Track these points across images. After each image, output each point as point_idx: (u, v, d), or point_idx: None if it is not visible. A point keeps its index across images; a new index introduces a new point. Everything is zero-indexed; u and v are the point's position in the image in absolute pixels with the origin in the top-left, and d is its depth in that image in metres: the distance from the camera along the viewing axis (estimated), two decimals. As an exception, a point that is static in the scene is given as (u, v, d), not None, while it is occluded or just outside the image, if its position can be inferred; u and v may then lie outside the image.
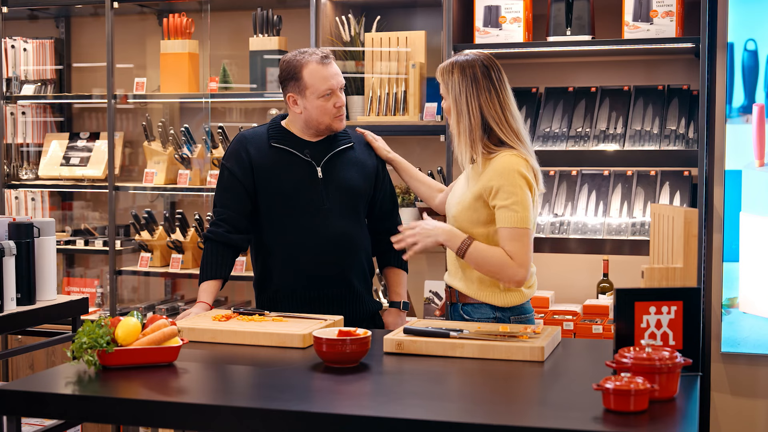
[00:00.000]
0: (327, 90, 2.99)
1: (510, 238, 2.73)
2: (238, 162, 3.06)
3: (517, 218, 2.73)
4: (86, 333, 2.31)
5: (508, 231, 2.74)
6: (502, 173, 2.75)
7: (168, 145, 4.73)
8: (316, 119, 3.03)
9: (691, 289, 2.27)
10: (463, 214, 2.84)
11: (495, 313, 2.85)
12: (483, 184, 2.79)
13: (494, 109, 2.81)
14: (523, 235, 2.74)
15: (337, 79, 3.02)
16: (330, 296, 3.04)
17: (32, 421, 3.54)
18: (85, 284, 5.06)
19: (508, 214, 2.73)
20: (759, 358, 3.96)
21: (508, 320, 2.85)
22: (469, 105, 2.80)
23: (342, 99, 3.03)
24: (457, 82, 2.82)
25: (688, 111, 4.00)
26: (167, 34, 4.71)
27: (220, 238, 3.04)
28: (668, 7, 3.83)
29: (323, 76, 2.99)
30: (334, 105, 3.01)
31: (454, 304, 2.92)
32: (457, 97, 2.81)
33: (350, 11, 4.42)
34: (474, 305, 2.87)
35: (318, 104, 3.00)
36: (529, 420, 1.98)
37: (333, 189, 3.04)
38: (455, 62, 2.85)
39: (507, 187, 2.74)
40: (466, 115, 2.80)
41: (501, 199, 2.74)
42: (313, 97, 3.00)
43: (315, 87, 2.99)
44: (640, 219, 3.97)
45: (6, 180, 4.91)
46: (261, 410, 2.03)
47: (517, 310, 2.87)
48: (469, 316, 2.87)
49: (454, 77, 2.82)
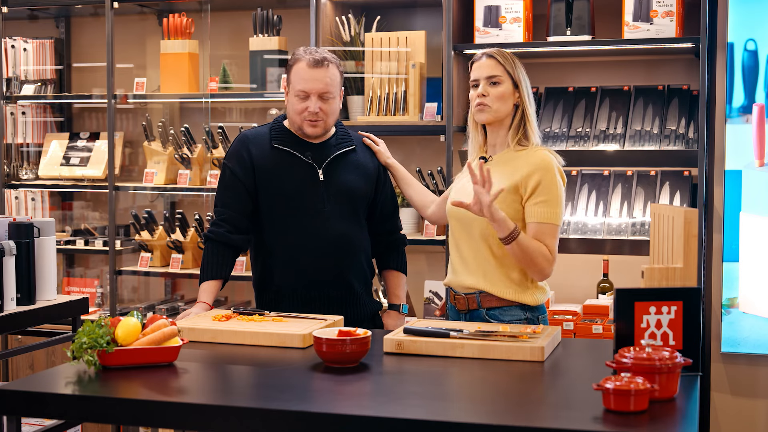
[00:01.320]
0: (300, 91, 2.97)
1: (549, 233, 2.78)
2: (239, 162, 3.05)
3: (555, 215, 2.79)
4: (86, 333, 2.31)
5: (547, 227, 2.78)
6: (543, 169, 2.79)
7: (168, 145, 4.73)
8: (291, 117, 3.04)
9: (691, 289, 2.27)
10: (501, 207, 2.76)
11: (526, 313, 2.84)
12: (520, 178, 2.80)
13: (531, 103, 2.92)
14: (555, 231, 2.81)
15: (315, 85, 2.95)
16: (330, 297, 3.04)
17: (32, 421, 3.54)
18: (85, 284, 5.06)
19: (547, 210, 2.78)
20: (759, 358, 3.96)
21: (537, 320, 2.85)
22: (528, 94, 2.90)
23: (315, 106, 2.95)
24: (521, 70, 2.91)
25: (688, 111, 4.00)
26: (167, 34, 4.71)
27: (221, 238, 3.04)
28: (668, 7, 3.83)
29: (303, 77, 2.97)
30: (306, 108, 2.97)
31: (475, 310, 2.87)
32: (524, 80, 2.90)
33: (350, 11, 4.42)
34: (503, 308, 2.83)
35: (293, 102, 3.00)
36: (529, 420, 1.98)
37: (334, 191, 3.04)
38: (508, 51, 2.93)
39: (547, 183, 2.79)
40: (527, 103, 2.89)
41: (541, 194, 2.78)
42: (291, 93, 3.01)
43: (293, 85, 2.99)
44: (640, 219, 3.97)
45: (6, 180, 4.92)
46: (261, 410, 2.03)
47: (542, 309, 2.89)
48: (497, 320, 2.83)
49: (518, 64, 2.91)
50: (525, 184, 2.79)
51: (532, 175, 2.79)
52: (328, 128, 3.05)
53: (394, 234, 3.26)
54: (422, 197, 3.23)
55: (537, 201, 2.78)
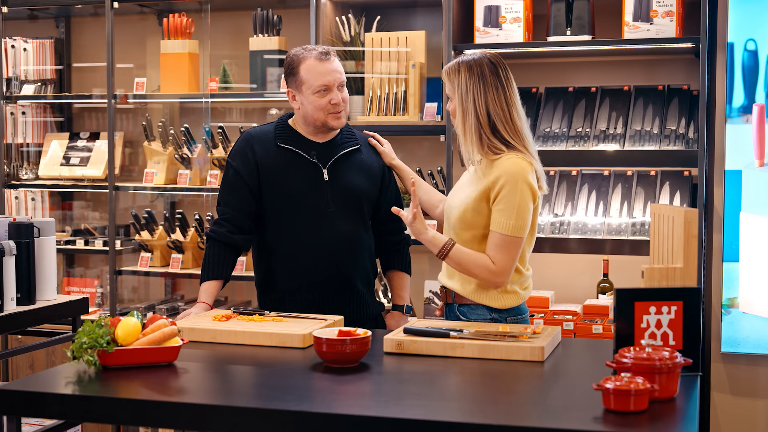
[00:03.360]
0: (322, 86, 2.96)
1: (499, 244, 2.75)
2: (243, 161, 3.04)
3: (511, 226, 2.73)
4: (86, 333, 2.31)
5: (499, 237, 2.75)
6: (509, 177, 2.74)
7: (168, 145, 4.73)
8: (312, 115, 3.00)
9: (691, 289, 2.27)
10: (465, 215, 2.83)
11: (492, 314, 2.85)
12: (487, 183, 2.78)
13: (500, 107, 2.80)
14: (513, 244, 2.75)
15: (334, 76, 2.98)
16: (333, 298, 3.02)
17: (32, 421, 3.55)
18: (85, 284, 5.06)
19: (503, 220, 2.74)
20: (759, 358, 3.96)
21: (504, 321, 2.85)
22: (476, 103, 2.79)
23: (338, 96, 2.98)
24: (464, 81, 2.81)
25: (688, 111, 4.00)
26: (167, 34, 4.71)
27: (223, 238, 3.03)
28: (668, 7, 3.83)
29: (319, 72, 2.96)
30: (330, 102, 2.97)
31: (450, 304, 2.93)
32: (464, 95, 2.80)
33: (350, 11, 4.42)
34: (470, 306, 2.87)
35: (312, 100, 2.97)
36: (529, 420, 1.98)
37: (338, 191, 3.02)
38: (461, 61, 2.85)
39: (510, 192, 2.73)
40: (472, 114, 2.80)
41: (501, 202, 2.75)
42: (308, 92, 2.97)
43: (310, 83, 2.96)
44: (640, 219, 3.97)
45: (6, 180, 4.92)
46: (261, 410, 2.03)
47: (513, 311, 2.87)
48: (465, 317, 2.87)
49: (461, 76, 2.82)
50: (492, 190, 2.77)
51: (497, 181, 2.75)
52: (347, 116, 3.07)
53: (398, 234, 3.24)
54: (429, 197, 3.22)
55: (498, 208, 2.75)
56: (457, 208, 2.88)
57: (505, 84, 2.82)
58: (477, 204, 2.80)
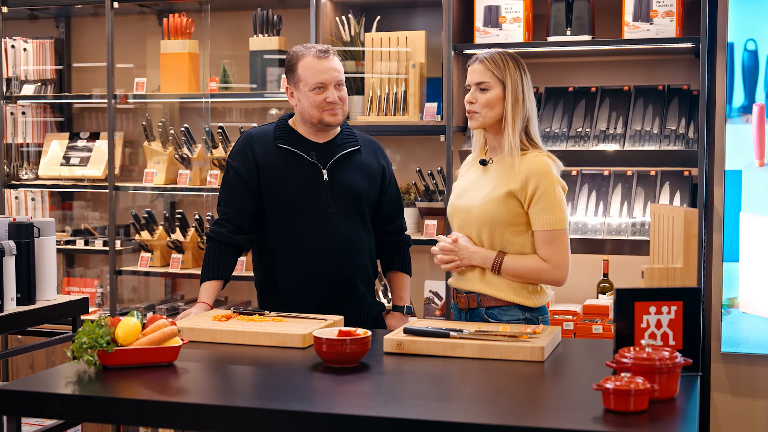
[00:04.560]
0: (317, 84, 2.96)
1: (546, 241, 2.77)
2: (243, 161, 3.04)
3: (553, 220, 2.77)
4: (86, 333, 2.31)
5: (545, 234, 2.78)
6: (540, 177, 2.77)
7: (168, 145, 4.73)
8: (308, 112, 3.00)
9: (691, 289, 2.27)
10: (495, 213, 2.79)
11: (525, 314, 2.83)
12: (518, 183, 2.78)
13: (533, 105, 2.87)
14: (559, 236, 2.78)
15: (330, 74, 2.98)
16: (333, 299, 3.02)
17: (32, 421, 3.54)
18: (85, 284, 5.06)
19: (544, 217, 2.76)
20: (759, 358, 3.96)
21: (536, 321, 2.84)
22: (524, 94, 2.84)
23: (333, 95, 2.98)
24: (514, 71, 2.84)
25: (688, 111, 4.00)
26: (167, 34, 4.71)
27: (223, 238, 3.03)
28: (668, 7, 3.83)
29: (316, 70, 2.97)
30: (325, 99, 2.97)
31: (475, 309, 2.88)
32: (517, 83, 2.83)
33: (350, 11, 4.42)
34: (502, 308, 2.83)
35: (309, 97, 2.98)
36: (529, 420, 1.98)
37: (338, 192, 3.02)
38: (505, 53, 2.88)
39: (546, 190, 2.77)
40: (522, 105, 2.83)
41: (538, 202, 2.77)
42: (305, 89, 2.98)
43: (306, 80, 2.98)
44: (640, 219, 3.97)
45: (6, 180, 4.92)
46: (261, 410, 2.03)
47: (543, 309, 2.88)
48: (496, 320, 2.83)
49: (511, 66, 2.84)
50: (524, 190, 2.78)
51: (529, 181, 2.77)
52: (345, 115, 3.07)
53: (398, 235, 3.24)
54: None
55: (538, 208, 2.77)
56: (478, 207, 2.83)
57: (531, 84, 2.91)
58: (504, 200, 2.79)
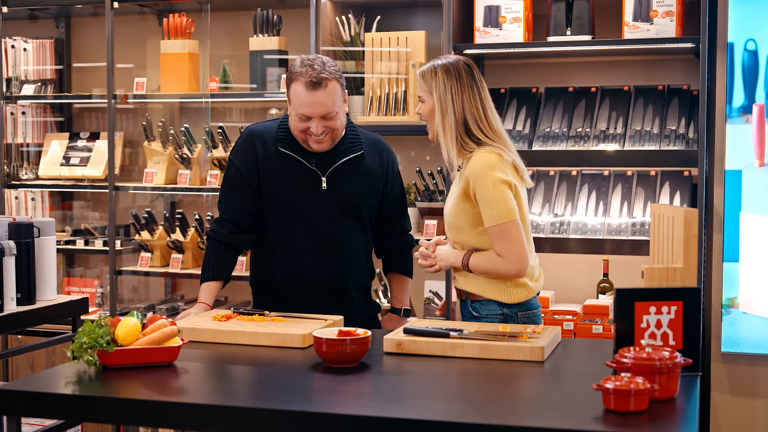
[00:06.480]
0: (301, 114, 2.90)
1: (496, 236, 2.80)
2: (245, 159, 3.01)
3: (495, 215, 2.78)
4: (86, 333, 2.31)
5: (493, 229, 2.80)
6: (476, 173, 2.80)
7: (168, 145, 4.73)
8: (295, 133, 2.97)
9: (691, 289, 2.27)
10: (456, 219, 2.90)
11: (503, 309, 2.86)
12: (463, 185, 2.85)
13: (475, 106, 2.89)
14: (508, 229, 2.78)
15: (315, 109, 2.87)
16: (326, 302, 2.99)
17: (32, 421, 3.54)
18: (85, 284, 5.06)
19: (488, 213, 2.80)
20: (759, 358, 3.96)
21: (515, 316, 2.86)
22: (453, 102, 2.87)
23: (317, 128, 2.89)
24: (442, 81, 2.89)
25: (688, 111, 4.00)
26: (167, 34, 4.71)
27: (223, 238, 3.02)
28: (668, 7, 3.83)
29: (302, 101, 2.88)
30: (307, 129, 2.91)
31: (464, 301, 2.96)
32: (442, 95, 2.88)
33: (350, 11, 4.42)
34: (482, 302, 2.89)
35: (294, 119, 2.93)
36: (529, 420, 1.98)
37: (336, 200, 2.99)
38: (436, 64, 2.93)
39: (481, 186, 2.79)
40: (451, 113, 2.87)
41: (480, 200, 2.81)
42: (293, 111, 2.94)
43: (294, 105, 2.92)
44: (640, 219, 3.97)
45: (6, 180, 4.92)
46: (261, 410, 2.03)
47: (524, 306, 2.88)
48: (478, 313, 2.89)
49: (439, 77, 2.89)
50: (471, 191, 2.83)
51: (470, 182, 2.82)
52: (336, 140, 2.99)
53: (401, 236, 3.22)
54: None
55: (482, 206, 2.81)
56: (447, 214, 2.95)
57: (480, 85, 2.92)
58: (461, 205, 2.86)
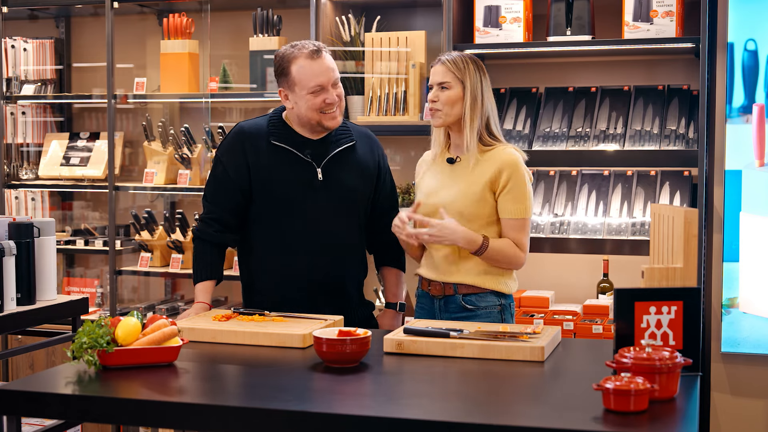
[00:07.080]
0: (316, 86, 2.87)
1: (516, 228, 2.92)
2: (233, 158, 2.97)
3: (523, 209, 2.92)
4: (86, 333, 2.31)
5: (516, 222, 2.92)
6: (512, 168, 2.91)
7: (168, 145, 4.73)
8: (306, 115, 2.91)
9: (691, 289, 2.27)
10: (474, 207, 2.92)
11: (500, 300, 2.95)
12: (490, 176, 2.91)
13: (492, 104, 3.00)
14: (527, 224, 2.96)
15: (327, 75, 2.88)
16: (322, 301, 2.98)
17: (32, 421, 3.54)
18: (85, 284, 5.06)
19: (515, 206, 2.91)
20: (759, 358, 3.96)
21: (509, 307, 2.97)
22: (484, 95, 2.96)
23: (332, 95, 2.89)
24: (473, 72, 2.96)
25: (688, 111, 4.00)
26: (167, 34, 4.71)
27: (211, 238, 3.00)
28: (668, 7, 3.83)
29: (312, 72, 2.87)
30: (324, 101, 2.88)
31: (452, 296, 2.95)
32: (475, 85, 2.95)
33: (350, 11, 4.42)
34: (479, 295, 2.93)
35: (307, 100, 2.88)
36: (529, 420, 1.98)
37: (333, 192, 2.97)
38: (465, 54, 3.00)
39: (517, 180, 2.91)
40: (480, 105, 2.95)
41: (511, 191, 2.90)
42: (302, 93, 2.88)
43: (303, 83, 2.87)
44: (640, 219, 3.96)
45: (6, 180, 4.92)
46: (261, 410, 2.03)
47: (511, 296, 3.02)
48: (474, 305, 2.92)
49: (470, 68, 2.96)
50: (497, 180, 2.91)
51: (502, 172, 2.91)
52: (342, 114, 3.01)
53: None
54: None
55: (507, 198, 2.91)
56: (455, 203, 2.94)
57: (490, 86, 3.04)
58: (482, 195, 2.92)
